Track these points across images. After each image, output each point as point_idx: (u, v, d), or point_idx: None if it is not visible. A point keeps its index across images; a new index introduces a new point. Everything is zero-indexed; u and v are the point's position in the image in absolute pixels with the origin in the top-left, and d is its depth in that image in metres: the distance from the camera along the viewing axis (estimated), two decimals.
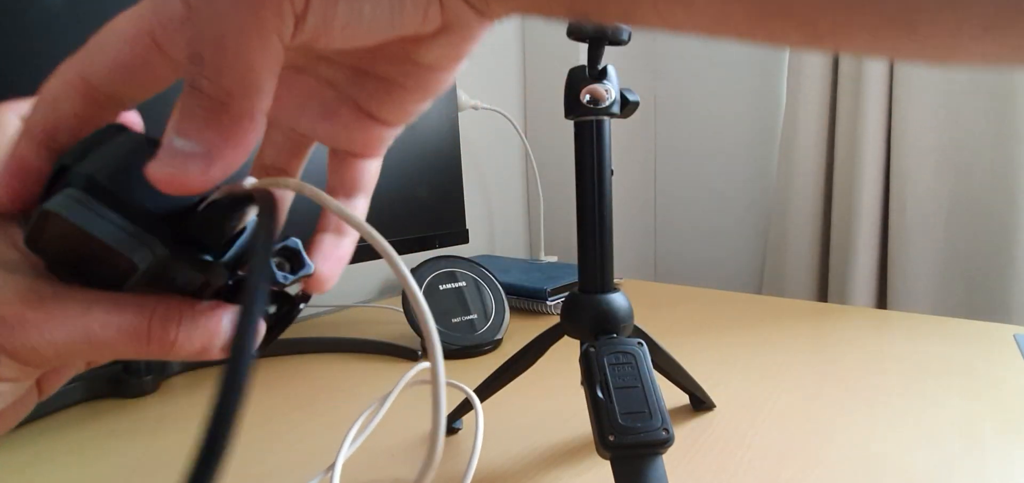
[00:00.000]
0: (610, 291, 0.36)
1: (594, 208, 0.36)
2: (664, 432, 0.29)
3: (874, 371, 0.53)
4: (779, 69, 1.25)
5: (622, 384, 0.31)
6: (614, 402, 0.30)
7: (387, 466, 0.40)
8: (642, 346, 0.33)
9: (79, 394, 0.53)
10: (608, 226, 0.36)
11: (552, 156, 1.20)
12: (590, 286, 0.36)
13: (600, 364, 0.32)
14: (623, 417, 0.30)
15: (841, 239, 1.10)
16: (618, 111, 0.36)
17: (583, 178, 0.36)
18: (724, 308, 0.77)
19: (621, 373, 0.31)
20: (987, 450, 0.39)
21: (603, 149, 0.35)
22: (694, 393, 0.46)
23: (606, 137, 0.35)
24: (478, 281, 0.68)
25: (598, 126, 0.35)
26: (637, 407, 0.30)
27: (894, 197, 1.04)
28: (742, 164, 1.33)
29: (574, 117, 0.35)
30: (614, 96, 0.35)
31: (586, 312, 0.35)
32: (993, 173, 0.97)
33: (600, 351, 0.32)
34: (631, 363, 0.32)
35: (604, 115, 0.35)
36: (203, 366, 0.61)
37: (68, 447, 0.44)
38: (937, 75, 0.99)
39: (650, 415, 0.30)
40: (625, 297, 0.36)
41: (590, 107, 0.35)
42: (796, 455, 0.39)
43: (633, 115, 0.35)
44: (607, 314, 0.35)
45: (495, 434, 0.43)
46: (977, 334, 0.63)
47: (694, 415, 0.45)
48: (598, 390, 0.31)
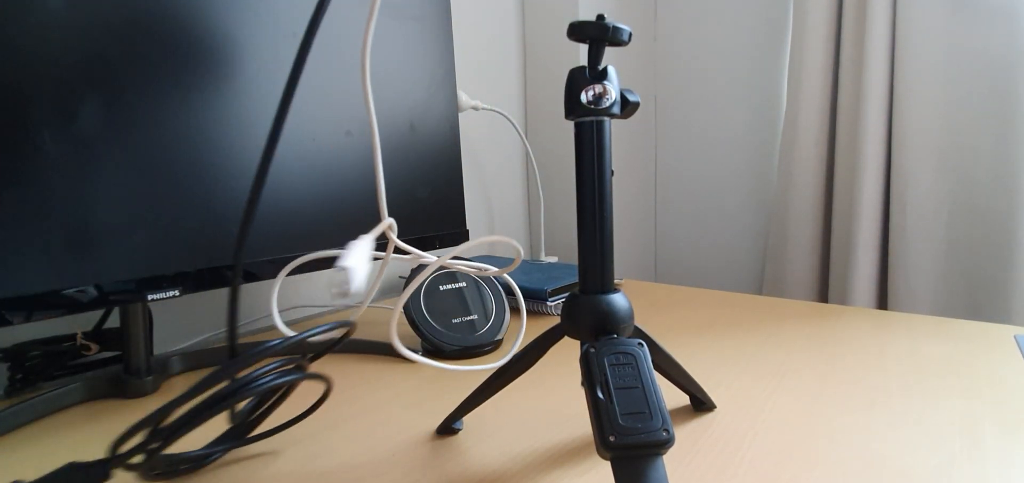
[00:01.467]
0: (610, 292, 0.36)
1: (594, 209, 0.36)
2: (664, 432, 0.29)
3: (874, 371, 0.53)
4: (780, 70, 1.25)
5: (622, 385, 0.31)
6: (614, 403, 0.30)
7: (387, 471, 0.40)
8: (642, 347, 0.33)
9: (79, 394, 0.53)
10: (608, 227, 0.36)
11: (552, 157, 1.20)
12: (590, 287, 0.36)
13: (600, 364, 0.32)
14: (623, 417, 0.30)
15: (842, 239, 1.10)
16: (618, 112, 0.36)
17: (583, 179, 0.36)
18: (724, 309, 0.77)
19: (621, 374, 0.31)
20: (987, 451, 0.39)
21: (603, 149, 0.35)
22: (694, 394, 0.46)
23: (606, 137, 0.35)
24: (478, 282, 0.68)
25: (598, 126, 0.35)
26: (637, 407, 0.30)
27: (895, 198, 1.04)
28: (743, 165, 1.33)
29: (574, 118, 0.36)
30: (614, 96, 0.35)
31: (586, 313, 0.35)
32: (994, 174, 0.97)
33: (600, 352, 0.32)
34: (631, 364, 0.32)
35: (604, 115, 0.35)
36: (203, 366, 0.61)
37: (68, 447, 0.44)
38: (938, 75, 0.99)
39: (651, 416, 0.30)
40: (625, 297, 0.36)
41: (591, 108, 0.35)
42: (796, 455, 0.39)
43: (634, 116, 0.35)
44: (607, 315, 0.35)
45: (496, 434, 0.43)
46: (977, 335, 0.63)
47: (695, 415, 0.45)
48: (598, 390, 0.31)
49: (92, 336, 0.59)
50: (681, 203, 1.42)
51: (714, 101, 1.34)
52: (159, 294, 0.51)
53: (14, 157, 0.43)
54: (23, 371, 0.55)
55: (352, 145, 0.64)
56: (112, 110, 0.48)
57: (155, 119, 0.50)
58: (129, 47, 0.48)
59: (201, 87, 0.53)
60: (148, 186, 0.50)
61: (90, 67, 0.46)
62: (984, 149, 0.98)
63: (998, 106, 0.96)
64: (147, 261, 0.50)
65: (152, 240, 0.50)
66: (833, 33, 1.10)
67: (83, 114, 0.46)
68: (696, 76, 1.36)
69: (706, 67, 1.34)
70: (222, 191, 0.54)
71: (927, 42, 0.99)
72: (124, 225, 0.49)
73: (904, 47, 1.00)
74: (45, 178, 0.45)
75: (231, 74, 0.54)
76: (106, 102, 0.47)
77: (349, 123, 0.64)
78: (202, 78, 0.53)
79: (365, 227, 0.66)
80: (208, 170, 0.53)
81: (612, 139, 0.37)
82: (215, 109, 0.54)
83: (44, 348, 0.56)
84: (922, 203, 1.01)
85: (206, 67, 0.53)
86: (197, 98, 0.52)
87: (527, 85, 1.22)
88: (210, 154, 0.54)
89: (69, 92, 0.45)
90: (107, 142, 0.48)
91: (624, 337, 0.34)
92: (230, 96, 0.54)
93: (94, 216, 0.47)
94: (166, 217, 0.51)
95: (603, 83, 0.35)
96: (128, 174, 0.49)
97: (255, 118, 0.56)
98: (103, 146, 0.47)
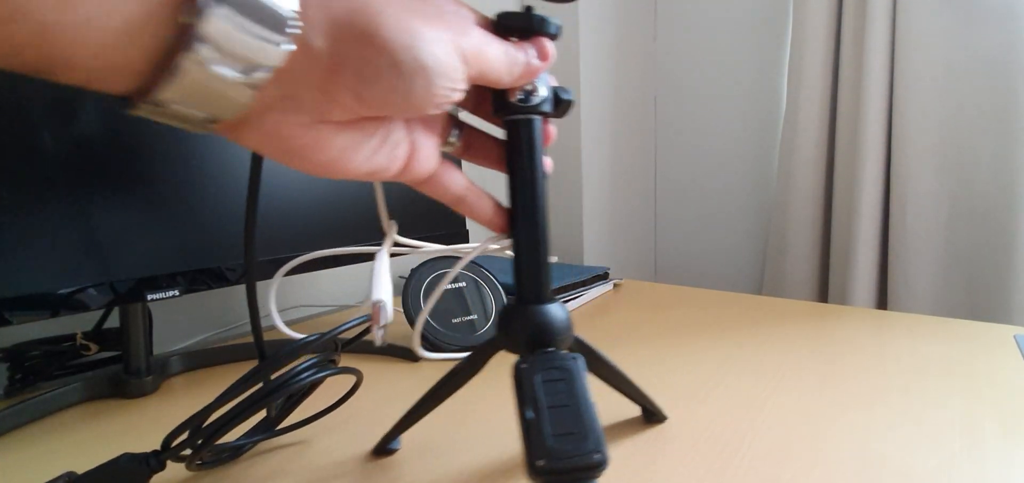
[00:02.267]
0: (547, 301, 0.34)
1: (528, 213, 0.33)
2: (597, 455, 0.27)
3: (874, 371, 0.53)
4: (780, 69, 1.25)
5: (555, 403, 0.29)
6: (545, 423, 0.28)
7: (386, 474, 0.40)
8: (578, 361, 0.31)
9: (79, 394, 0.53)
10: (544, 232, 0.34)
11: (552, 156, 1.20)
12: (526, 296, 0.34)
13: (531, 381, 0.30)
14: (554, 439, 0.27)
15: (841, 239, 1.10)
16: (550, 110, 0.33)
17: (515, 181, 0.33)
18: (724, 309, 0.77)
19: (554, 391, 0.29)
20: (987, 450, 0.39)
21: (536, 150, 0.33)
22: (644, 405, 0.44)
23: (538, 137, 0.33)
24: (478, 281, 0.68)
25: (529, 126, 0.33)
26: (570, 427, 0.28)
27: (894, 198, 1.04)
28: (742, 164, 1.33)
29: (504, 116, 0.33)
30: (545, 94, 0.33)
31: (521, 324, 0.33)
32: (993, 174, 0.97)
33: (533, 367, 0.30)
34: (565, 380, 0.30)
35: (535, 114, 0.33)
36: (203, 366, 0.61)
37: (68, 447, 0.44)
38: (938, 76, 0.99)
39: (583, 436, 0.27)
40: (563, 307, 0.34)
41: (520, 105, 0.33)
42: (796, 455, 0.39)
43: (634, 115, 0.34)
44: (543, 327, 0.33)
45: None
46: (977, 334, 0.63)
47: (695, 415, 0.45)
48: (528, 410, 0.28)
49: (92, 336, 0.59)
50: (681, 203, 1.42)
51: (714, 101, 1.34)
52: (159, 294, 0.51)
53: (14, 156, 0.43)
54: (23, 371, 0.55)
55: None
56: (112, 109, 0.48)
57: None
58: None
59: None
60: (148, 185, 0.50)
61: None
62: (984, 149, 0.98)
63: (998, 106, 0.96)
64: (147, 261, 0.50)
65: (152, 239, 0.50)
66: (833, 33, 1.10)
67: (83, 113, 0.46)
68: (696, 76, 1.36)
69: (706, 67, 1.34)
70: (222, 191, 0.54)
71: (927, 43, 0.99)
72: (124, 224, 0.49)
73: (904, 47, 1.00)
74: (45, 178, 0.44)
75: None
76: (106, 101, 0.47)
77: None
78: None
79: (365, 226, 0.66)
80: (208, 169, 0.53)
81: (612, 138, 0.36)
82: None
83: (44, 348, 0.56)
84: (922, 203, 1.01)
85: None
86: None
87: None
88: (210, 153, 0.53)
89: (69, 91, 0.45)
90: (107, 141, 0.48)
91: (561, 350, 0.32)
92: None
93: (94, 216, 0.47)
94: (166, 216, 0.51)
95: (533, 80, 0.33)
96: (128, 173, 0.49)
97: None
98: (103, 145, 0.47)
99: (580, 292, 0.83)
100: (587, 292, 0.85)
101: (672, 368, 0.56)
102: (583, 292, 0.84)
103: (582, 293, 0.83)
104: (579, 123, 1.15)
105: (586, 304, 0.83)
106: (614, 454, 0.40)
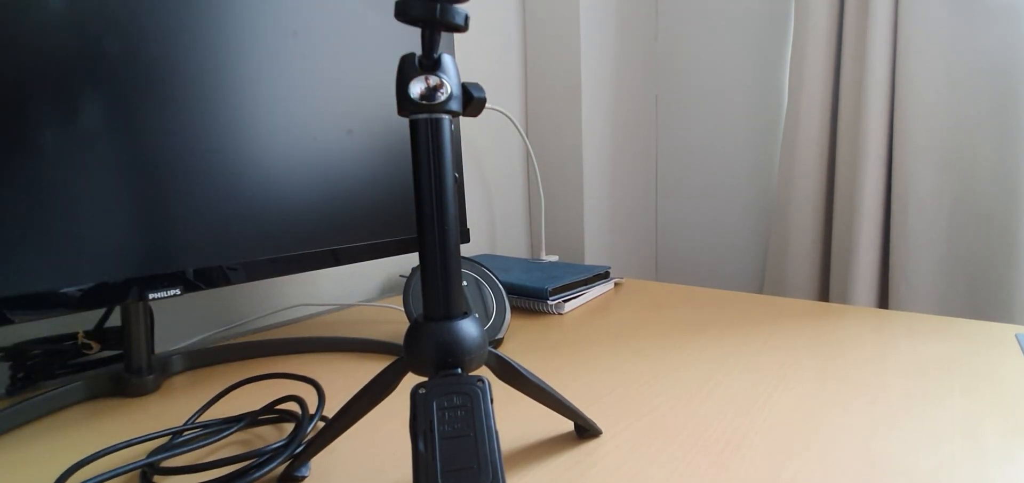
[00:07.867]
0: (456, 317, 0.31)
1: (433, 220, 0.30)
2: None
3: (875, 371, 0.53)
4: (781, 68, 1.25)
5: (451, 433, 0.26)
6: (437, 456, 0.26)
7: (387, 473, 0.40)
8: (483, 384, 0.28)
9: (79, 394, 0.53)
10: (452, 241, 0.31)
11: (553, 155, 1.20)
12: (432, 312, 0.31)
13: (426, 409, 0.27)
14: (445, 475, 0.25)
15: (843, 238, 1.10)
16: (458, 108, 0.31)
17: (421, 187, 0.30)
18: (725, 308, 0.77)
19: (452, 419, 0.27)
20: (988, 450, 0.39)
21: (442, 152, 0.30)
22: (576, 420, 0.41)
23: (445, 138, 0.30)
24: (479, 280, 0.68)
25: (435, 125, 0.30)
26: (465, 462, 0.25)
27: (896, 196, 1.04)
28: (744, 163, 1.32)
29: (407, 115, 0.30)
30: (451, 90, 0.30)
31: (426, 343, 0.30)
32: (995, 172, 0.97)
33: (430, 393, 0.28)
34: (466, 406, 0.27)
35: (441, 112, 0.30)
36: (204, 366, 0.61)
37: (69, 446, 0.44)
38: (940, 74, 0.99)
39: (479, 471, 0.25)
40: (475, 323, 0.31)
41: (424, 103, 0.30)
42: (796, 455, 0.39)
43: (634, 115, 0.33)
44: (448, 345, 0.30)
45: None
46: (979, 334, 0.63)
47: (695, 414, 0.45)
48: (420, 442, 0.26)
49: (93, 335, 0.59)
50: (682, 202, 1.42)
51: (714, 101, 1.34)
52: (160, 293, 0.51)
53: (15, 155, 0.43)
54: (24, 370, 0.55)
55: (353, 143, 0.64)
56: (113, 108, 0.48)
57: (156, 117, 0.50)
58: (130, 45, 0.48)
59: (202, 85, 0.53)
60: (149, 184, 0.50)
61: (91, 65, 0.46)
62: (985, 148, 0.98)
63: (999, 105, 0.96)
64: (148, 260, 0.50)
65: (153, 239, 0.50)
66: (834, 32, 1.10)
67: (84, 112, 0.46)
68: (696, 76, 1.36)
69: (706, 67, 1.34)
70: (223, 190, 0.54)
71: (928, 42, 0.99)
72: (125, 224, 0.49)
73: (905, 46, 1.00)
74: (46, 177, 0.45)
75: (231, 73, 0.54)
76: (107, 100, 0.47)
77: (350, 121, 0.64)
78: (203, 77, 0.53)
79: (366, 225, 0.66)
80: (209, 169, 0.53)
81: (612, 137, 0.33)
82: (216, 107, 0.54)
83: (45, 347, 0.56)
84: (923, 202, 1.01)
85: (207, 66, 0.53)
86: (198, 96, 0.52)
87: (528, 84, 1.22)
88: (211, 153, 0.54)
89: (70, 90, 0.45)
90: (108, 140, 0.48)
91: (467, 372, 0.30)
92: (231, 95, 0.54)
93: (95, 215, 0.47)
94: (167, 215, 0.51)
95: (438, 74, 0.30)
96: (129, 172, 0.49)
97: (256, 117, 0.56)
98: (104, 144, 0.47)
99: (581, 291, 0.83)
100: (588, 291, 0.85)
101: (674, 367, 0.56)
102: (584, 291, 0.84)
103: (583, 292, 0.83)
104: (580, 122, 1.15)
105: (587, 303, 0.83)
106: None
